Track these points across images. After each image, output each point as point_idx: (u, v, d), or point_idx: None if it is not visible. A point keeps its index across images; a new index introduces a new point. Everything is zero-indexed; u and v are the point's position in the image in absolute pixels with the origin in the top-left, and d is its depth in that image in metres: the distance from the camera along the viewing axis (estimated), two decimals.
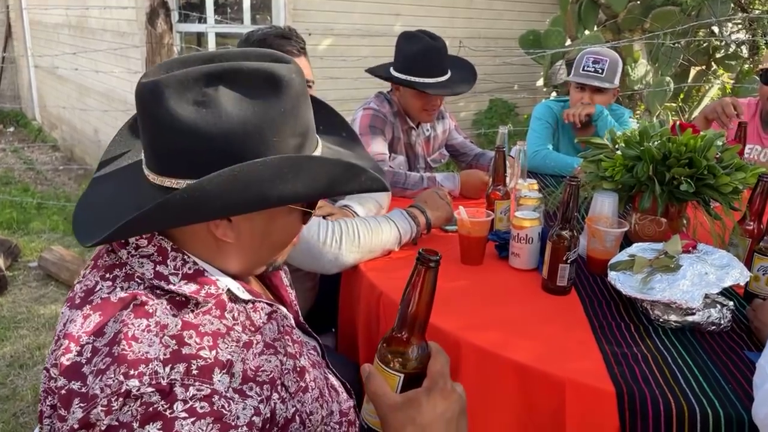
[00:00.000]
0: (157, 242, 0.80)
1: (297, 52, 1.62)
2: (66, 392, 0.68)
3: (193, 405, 0.68)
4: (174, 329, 0.73)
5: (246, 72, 0.76)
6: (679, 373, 1.09)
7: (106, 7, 5.15)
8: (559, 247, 1.36)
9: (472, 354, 1.17)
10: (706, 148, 1.47)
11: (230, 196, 0.72)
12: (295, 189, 0.75)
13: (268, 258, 0.90)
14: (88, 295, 0.76)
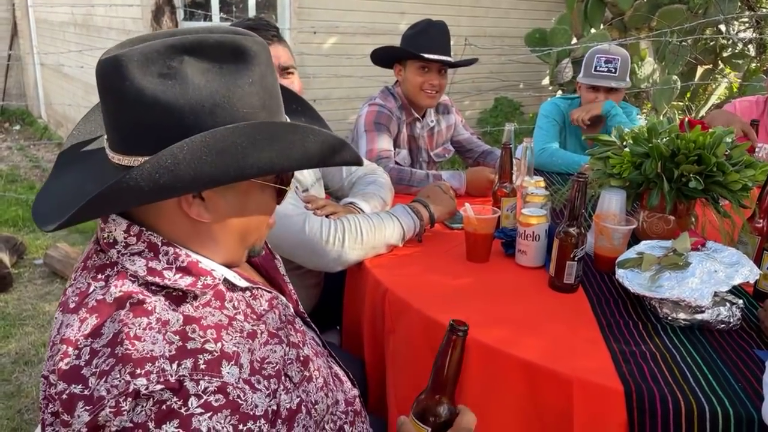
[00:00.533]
0: (146, 238, 0.77)
1: (269, 40, 1.60)
2: (67, 396, 0.66)
3: (208, 399, 0.67)
4: (176, 325, 0.71)
5: (211, 43, 0.74)
6: (687, 371, 1.07)
7: (112, 5, 5.16)
8: (566, 244, 1.34)
9: (478, 351, 1.15)
10: (715, 145, 1.46)
11: (202, 166, 0.69)
12: (270, 158, 0.73)
13: (248, 242, 0.87)
14: (82, 298, 0.74)
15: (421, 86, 2.25)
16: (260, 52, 0.77)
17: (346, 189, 1.90)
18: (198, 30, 0.77)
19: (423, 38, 2.22)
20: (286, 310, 0.92)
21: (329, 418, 0.91)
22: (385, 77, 2.48)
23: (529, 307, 1.32)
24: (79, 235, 4.20)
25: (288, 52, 1.65)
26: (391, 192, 1.89)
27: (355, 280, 1.62)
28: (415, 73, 2.25)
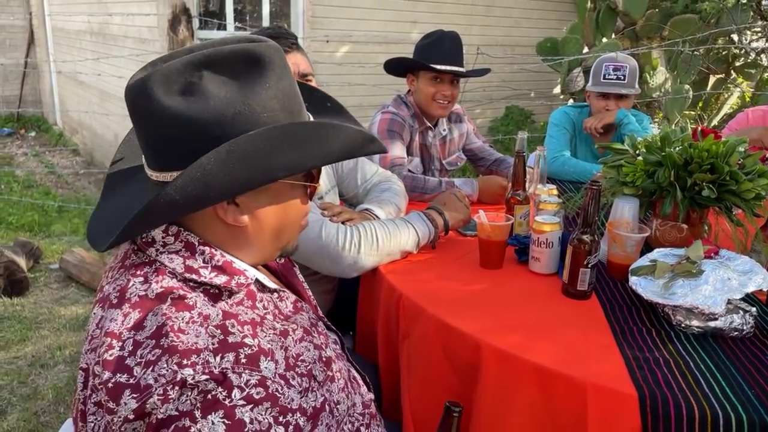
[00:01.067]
0: (184, 238, 0.81)
1: (288, 48, 1.64)
2: (113, 385, 0.69)
3: (250, 391, 0.70)
4: (216, 320, 0.75)
5: (225, 55, 0.77)
6: (701, 377, 1.08)
7: (129, 14, 5.24)
8: (579, 251, 1.36)
9: (492, 356, 1.17)
10: (729, 153, 1.47)
11: (230, 174, 0.73)
12: (293, 157, 0.76)
13: (281, 242, 0.90)
14: (123, 293, 0.77)
15: (433, 96, 2.28)
16: (274, 57, 0.80)
17: (361, 196, 1.92)
18: (214, 43, 0.81)
19: (436, 49, 2.25)
20: (308, 313, 0.95)
21: (347, 420, 0.93)
22: (398, 86, 2.51)
23: (542, 313, 1.34)
24: None
25: (306, 60, 1.69)
26: (406, 199, 1.91)
27: (370, 285, 1.64)
28: (428, 84, 2.27)
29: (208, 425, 0.67)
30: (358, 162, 1.94)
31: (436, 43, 2.26)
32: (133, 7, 5.14)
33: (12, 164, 6.55)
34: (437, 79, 2.26)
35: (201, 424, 0.67)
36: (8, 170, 6.10)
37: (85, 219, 4.64)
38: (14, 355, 2.78)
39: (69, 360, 2.75)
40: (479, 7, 6.63)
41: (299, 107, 0.85)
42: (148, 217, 0.75)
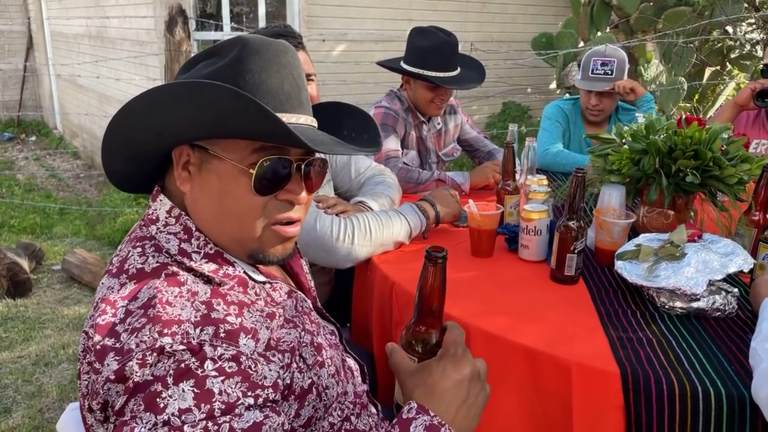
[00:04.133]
0: (183, 222, 0.87)
1: (295, 47, 1.67)
2: (101, 347, 0.73)
3: (222, 365, 0.73)
4: (204, 296, 0.79)
5: (224, 42, 0.86)
6: (683, 355, 1.12)
7: (126, 17, 5.28)
8: (566, 238, 1.39)
9: (480, 339, 1.21)
10: (711, 140, 1.50)
11: (144, 117, 0.81)
12: (187, 114, 0.79)
13: (230, 234, 0.87)
14: (122, 263, 0.83)
15: (431, 100, 2.30)
16: (253, 44, 0.85)
17: (355, 189, 1.96)
18: None
19: (435, 56, 2.22)
20: (303, 303, 0.98)
21: (337, 406, 0.97)
22: (394, 83, 2.54)
23: (530, 297, 1.37)
24: (95, 242, 4.30)
25: (309, 61, 1.72)
26: (399, 192, 1.95)
27: (364, 275, 1.67)
28: (426, 89, 2.28)
29: (179, 392, 0.70)
30: (351, 156, 1.98)
31: (436, 50, 2.22)
32: (130, 10, 5.17)
33: (13, 168, 6.60)
34: (435, 87, 2.27)
35: (172, 390, 0.70)
36: (9, 174, 6.15)
37: (86, 221, 4.69)
38: (18, 355, 2.82)
39: (72, 358, 2.79)
40: (474, 4, 6.65)
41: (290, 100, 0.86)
42: (105, 149, 0.87)
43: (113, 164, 0.90)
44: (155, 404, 0.69)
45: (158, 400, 0.69)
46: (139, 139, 0.84)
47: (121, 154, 0.87)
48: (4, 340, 2.95)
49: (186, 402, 0.70)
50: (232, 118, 0.78)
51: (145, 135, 0.83)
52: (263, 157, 0.82)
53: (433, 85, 2.26)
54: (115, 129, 0.83)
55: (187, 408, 0.69)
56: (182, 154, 0.85)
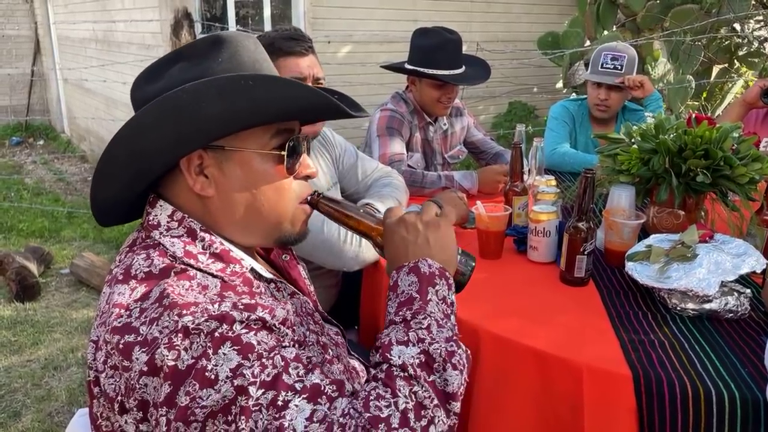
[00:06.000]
0: (187, 224, 0.86)
1: (305, 51, 1.66)
2: (124, 345, 0.73)
3: (250, 324, 0.75)
4: (214, 289, 0.79)
5: (195, 44, 0.87)
6: (695, 357, 1.11)
7: (132, 20, 5.30)
8: (575, 239, 1.38)
9: (490, 342, 1.20)
10: (722, 139, 1.49)
11: (162, 128, 0.79)
12: (217, 109, 0.79)
13: (267, 221, 0.90)
14: (128, 270, 0.82)
15: (438, 99, 2.30)
16: (233, 37, 0.87)
17: (362, 191, 1.95)
18: None
19: (440, 54, 2.23)
20: (305, 305, 0.98)
21: None
22: (400, 84, 2.53)
23: (540, 300, 1.36)
24: (104, 245, 4.31)
25: (319, 65, 1.71)
26: (406, 194, 1.94)
27: (372, 278, 1.67)
28: (431, 88, 2.29)
29: (221, 357, 0.71)
30: (357, 158, 1.97)
31: (439, 48, 2.23)
32: (137, 14, 5.19)
33: (21, 172, 6.63)
34: (440, 85, 2.27)
35: (215, 360, 0.70)
36: (18, 178, 6.18)
37: (94, 224, 4.70)
38: (27, 359, 2.83)
39: (81, 362, 2.80)
40: (479, 4, 6.64)
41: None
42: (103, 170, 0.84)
43: (107, 189, 0.87)
44: (207, 379, 0.70)
45: (207, 374, 0.70)
46: (149, 150, 0.82)
47: (124, 173, 0.85)
48: (14, 344, 2.96)
49: (233, 361, 0.71)
50: (280, 101, 0.81)
51: (158, 145, 0.81)
52: (287, 139, 0.87)
53: (439, 84, 2.26)
54: (120, 144, 0.81)
55: (237, 365, 0.70)
56: (192, 160, 0.84)
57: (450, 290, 0.86)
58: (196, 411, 0.69)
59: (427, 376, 0.75)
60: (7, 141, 8.21)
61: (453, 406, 0.75)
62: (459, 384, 0.76)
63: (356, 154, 1.99)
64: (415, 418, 0.71)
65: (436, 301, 0.82)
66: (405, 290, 0.83)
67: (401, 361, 0.75)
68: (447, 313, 0.83)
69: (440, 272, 0.86)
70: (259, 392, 0.70)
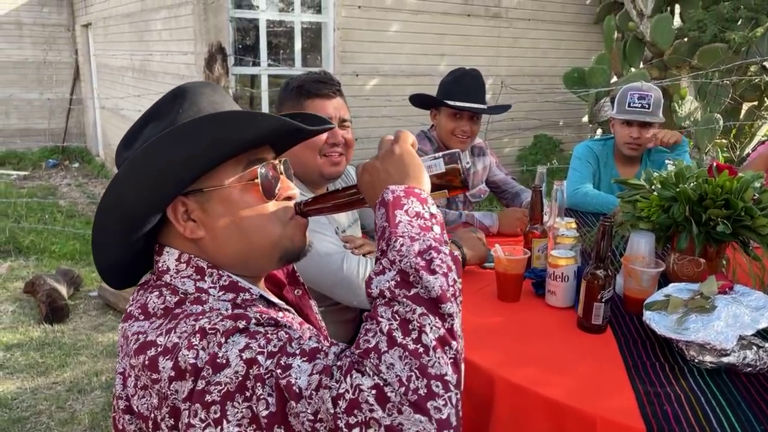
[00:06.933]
0: (194, 263, 0.90)
1: (333, 94, 1.71)
2: (149, 361, 0.77)
3: (263, 323, 0.80)
4: (226, 312, 0.83)
5: (159, 103, 0.93)
6: (711, 413, 1.10)
7: (168, 52, 5.49)
8: (593, 286, 1.39)
9: (505, 389, 1.20)
10: (743, 189, 1.49)
11: (138, 184, 0.84)
12: (182, 155, 0.84)
13: (262, 244, 0.92)
14: (144, 308, 0.86)
15: (452, 131, 2.35)
16: (190, 87, 0.93)
17: None
18: None
19: (456, 86, 2.33)
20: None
21: None
22: (424, 117, 2.59)
23: (556, 346, 1.36)
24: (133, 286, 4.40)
25: (346, 107, 1.75)
26: None
27: None
28: (448, 119, 2.35)
29: (231, 343, 0.75)
30: None
31: (456, 80, 2.35)
32: (173, 46, 5.38)
33: (56, 195, 6.84)
34: (456, 116, 2.33)
35: (225, 348, 0.74)
36: (52, 201, 6.37)
37: None
38: (53, 381, 2.90)
39: (105, 386, 2.85)
40: (506, 39, 6.72)
41: None
42: (97, 238, 0.90)
43: (108, 254, 0.92)
44: (219, 364, 0.73)
45: (218, 360, 0.73)
46: (131, 206, 0.86)
47: (116, 235, 0.89)
48: (41, 365, 3.03)
49: (240, 343, 0.74)
50: (241, 131, 0.86)
51: (137, 199, 0.86)
52: (257, 166, 0.91)
53: (454, 114, 2.33)
54: (106, 208, 0.87)
55: (245, 345, 0.74)
56: (177, 208, 0.89)
57: (424, 204, 0.82)
58: (211, 389, 0.72)
59: (407, 292, 0.73)
60: (43, 163, 8.49)
61: (444, 308, 0.73)
62: (443, 285, 0.73)
63: None
64: (402, 334, 0.70)
65: (407, 219, 0.79)
66: (379, 224, 0.82)
67: (378, 290, 0.75)
68: (425, 225, 0.80)
69: (406, 192, 0.83)
70: (268, 361, 0.73)
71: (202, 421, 0.73)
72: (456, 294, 0.75)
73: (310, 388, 0.69)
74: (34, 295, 3.70)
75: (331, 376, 0.70)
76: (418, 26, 6.12)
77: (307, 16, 5.86)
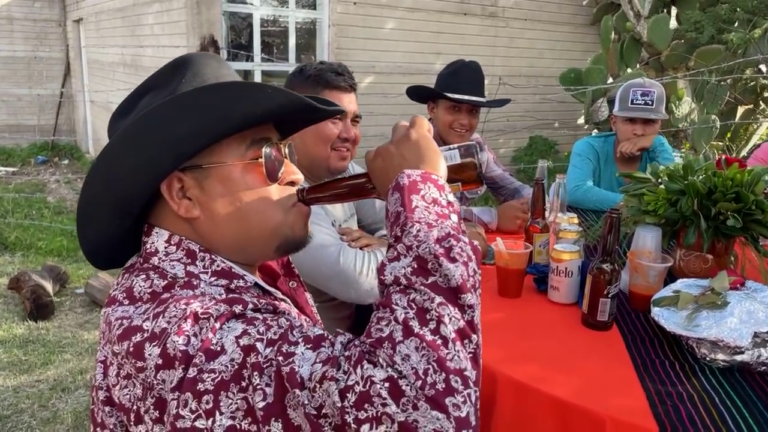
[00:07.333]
0: (185, 246, 0.83)
1: (348, 88, 1.65)
2: (134, 347, 0.71)
3: (259, 308, 0.74)
4: (220, 297, 0.76)
5: (158, 72, 0.87)
6: (727, 413, 1.04)
7: (160, 46, 5.41)
8: (599, 281, 1.33)
9: (509, 388, 1.14)
10: (754, 182, 1.44)
11: (134, 154, 0.78)
12: (187, 125, 0.77)
13: (260, 230, 0.86)
14: (130, 292, 0.79)
15: (450, 125, 2.29)
16: (194, 57, 0.87)
17: (380, 222, 1.92)
18: None
19: (454, 79, 2.27)
20: None
21: None
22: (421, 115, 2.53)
23: (561, 343, 1.30)
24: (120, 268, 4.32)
25: (356, 102, 1.70)
26: None
27: None
28: (446, 112, 2.29)
29: (226, 329, 0.69)
30: None
31: (455, 73, 2.29)
32: (165, 40, 5.30)
33: (44, 191, 6.74)
34: (455, 108, 2.27)
35: (219, 334, 0.69)
36: (40, 197, 6.27)
37: None
38: (36, 379, 2.81)
39: (90, 384, 2.77)
40: (502, 39, 6.69)
41: None
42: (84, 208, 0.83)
43: (93, 226, 0.85)
44: (213, 351, 0.67)
45: (212, 347, 0.67)
46: (123, 178, 0.80)
47: (104, 207, 0.83)
48: (24, 363, 2.95)
49: (237, 330, 0.69)
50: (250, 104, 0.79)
51: (131, 171, 0.79)
52: (262, 146, 0.84)
53: (452, 107, 2.27)
54: (96, 177, 0.80)
55: (242, 331, 0.68)
56: (172, 184, 0.82)
57: (442, 191, 0.77)
58: (204, 377, 0.66)
59: (425, 280, 0.68)
60: (32, 159, 8.38)
61: (463, 299, 0.67)
62: (463, 275, 0.68)
63: None
64: (419, 324, 0.64)
65: (424, 205, 0.74)
66: (392, 210, 0.76)
67: (393, 276, 0.69)
68: (443, 213, 0.75)
69: (423, 177, 0.77)
70: (268, 349, 0.66)
71: (193, 411, 0.66)
72: (476, 285, 0.70)
73: (314, 379, 0.62)
74: (18, 292, 3.61)
75: (338, 367, 0.63)
76: (413, 24, 6.08)
77: (302, 12, 5.80)
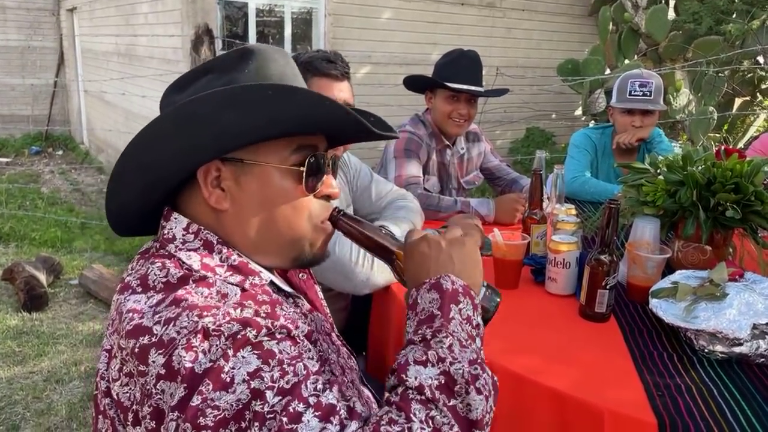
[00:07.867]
0: (203, 236, 0.82)
1: (341, 76, 1.64)
2: (140, 348, 0.69)
3: (273, 332, 0.71)
4: (234, 298, 0.75)
5: (225, 56, 0.84)
6: (725, 405, 1.03)
7: (154, 35, 5.36)
8: (597, 272, 1.32)
9: (506, 380, 1.13)
10: (753, 173, 1.42)
11: (178, 137, 0.77)
12: (234, 120, 0.76)
13: (282, 238, 0.86)
14: (144, 280, 0.78)
15: (449, 114, 2.27)
16: (262, 49, 0.85)
17: (376, 214, 1.90)
18: None
19: (453, 68, 2.25)
20: (322, 324, 0.94)
21: None
22: (417, 106, 2.50)
23: (558, 335, 1.29)
24: (114, 257, 4.30)
25: (351, 91, 1.69)
26: (421, 217, 1.89)
27: (382, 304, 1.61)
28: (444, 102, 2.27)
29: (240, 360, 0.67)
30: (372, 180, 1.93)
31: (453, 62, 2.26)
32: (159, 29, 5.25)
33: (38, 182, 6.69)
34: (454, 98, 2.25)
35: (233, 362, 0.67)
36: (34, 187, 6.23)
37: (106, 236, 4.69)
38: (30, 370, 2.80)
39: (84, 376, 2.76)
40: (499, 29, 6.65)
41: None
42: (119, 177, 0.82)
43: (123, 195, 0.85)
44: (223, 381, 0.66)
45: (223, 375, 0.66)
46: (164, 157, 0.79)
47: (139, 180, 0.82)
48: (18, 354, 2.93)
49: (252, 365, 0.67)
50: (299, 111, 0.78)
51: (173, 152, 0.79)
52: (307, 155, 0.83)
53: (451, 97, 2.25)
54: (137, 150, 0.79)
55: (255, 368, 0.67)
56: (210, 172, 0.82)
57: (476, 311, 0.79)
58: (206, 412, 0.65)
59: (447, 400, 0.68)
60: (26, 150, 8.31)
61: None
62: (484, 410, 0.69)
63: (371, 176, 1.95)
64: None
65: (459, 320, 0.75)
66: (425, 308, 0.76)
67: (418, 382, 0.69)
68: (472, 334, 0.76)
69: (464, 290, 0.78)
70: (276, 399, 0.65)
71: None
72: (488, 422, 0.71)
73: None
74: (12, 283, 3.59)
75: None
76: (410, 14, 6.03)
77: (298, 2, 5.75)
